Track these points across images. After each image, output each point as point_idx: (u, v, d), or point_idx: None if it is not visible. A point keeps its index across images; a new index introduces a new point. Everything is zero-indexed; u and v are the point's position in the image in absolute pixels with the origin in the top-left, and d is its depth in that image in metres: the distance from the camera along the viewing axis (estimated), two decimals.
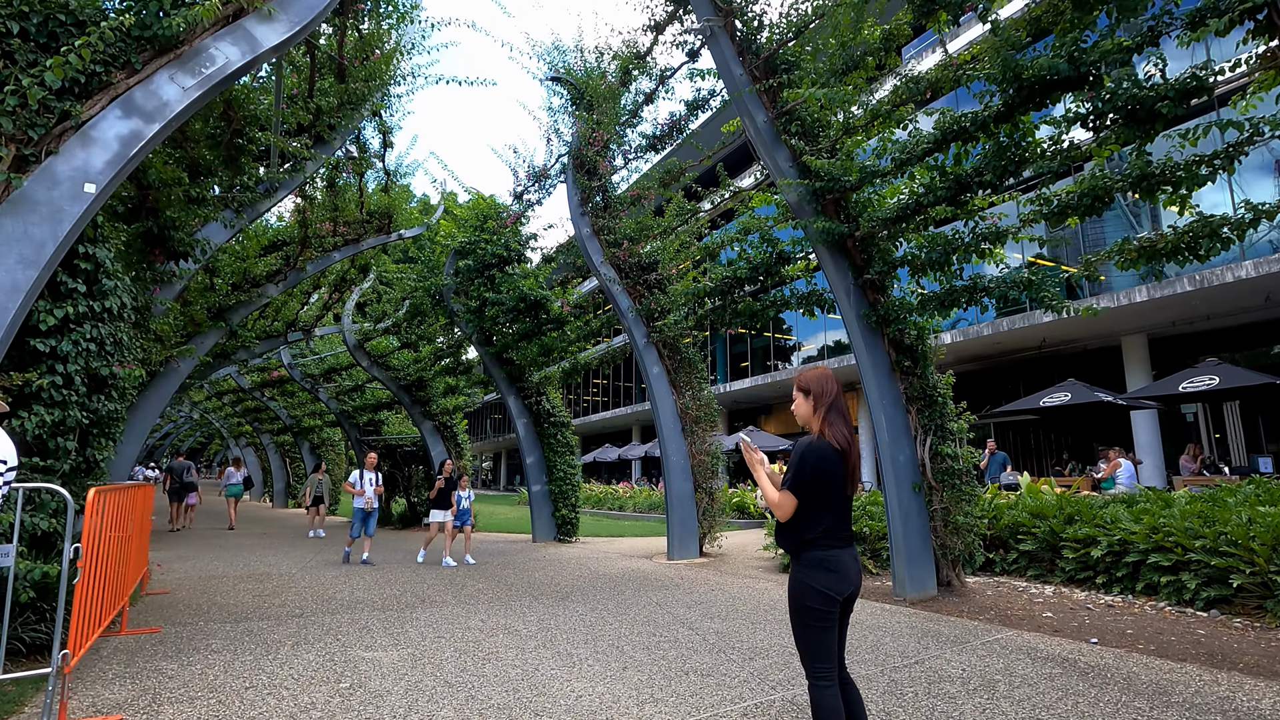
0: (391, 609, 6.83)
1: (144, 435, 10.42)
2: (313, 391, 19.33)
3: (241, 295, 10.44)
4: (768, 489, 2.96)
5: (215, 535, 14.87)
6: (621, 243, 10.77)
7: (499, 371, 14.02)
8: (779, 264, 8.51)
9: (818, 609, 2.78)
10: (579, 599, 7.44)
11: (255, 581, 8.56)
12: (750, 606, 7.02)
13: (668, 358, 11.40)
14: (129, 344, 5.80)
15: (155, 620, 6.19)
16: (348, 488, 10.44)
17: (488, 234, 12.26)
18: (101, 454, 5.67)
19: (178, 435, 45.98)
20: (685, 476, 11.15)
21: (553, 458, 14.23)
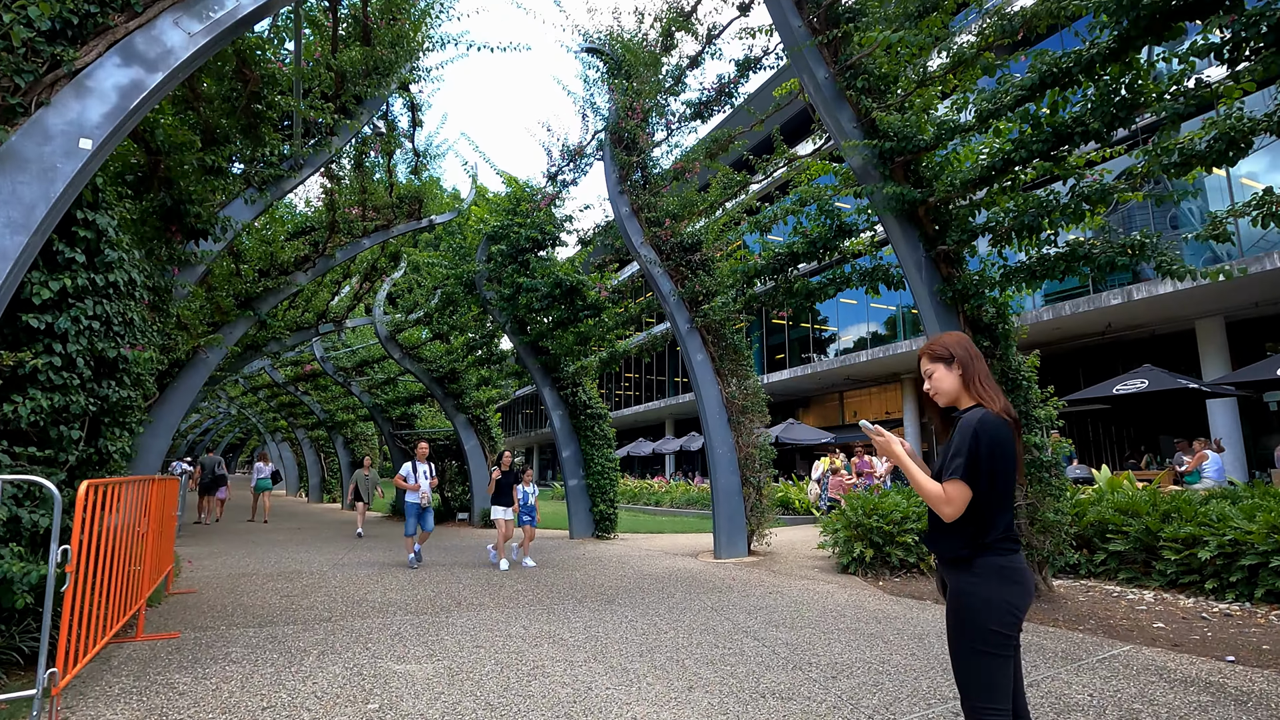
0: (426, 612, 6.32)
1: (173, 427, 10.11)
2: (345, 385, 19.10)
3: (269, 282, 10.05)
4: (924, 480, 2.30)
5: (249, 531, 14.66)
6: (663, 221, 10.12)
7: (533, 362, 13.50)
8: (839, 237, 7.78)
9: (1001, 632, 2.14)
10: (627, 602, 6.85)
11: (285, 580, 8.15)
12: (816, 613, 6.35)
13: (712, 344, 10.73)
14: (142, 325, 5.34)
15: (176, 623, 5.76)
16: (399, 482, 9.47)
17: (521, 217, 11.72)
18: (115, 445, 5.23)
19: (217, 430, 46.68)
20: (732, 470, 10.48)
21: (590, 451, 13.68)
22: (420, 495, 9.23)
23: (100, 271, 4.41)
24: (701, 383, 10.56)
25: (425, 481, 9.40)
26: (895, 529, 8.84)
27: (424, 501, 9.28)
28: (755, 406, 10.80)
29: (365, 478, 14.50)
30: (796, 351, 29.61)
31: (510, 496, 9.46)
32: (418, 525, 9.43)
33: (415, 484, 9.25)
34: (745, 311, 9.54)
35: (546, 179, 12.00)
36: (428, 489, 9.40)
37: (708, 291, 10.16)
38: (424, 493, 9.27)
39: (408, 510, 9.33)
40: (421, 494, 9.25)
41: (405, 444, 19.07)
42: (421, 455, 9.77)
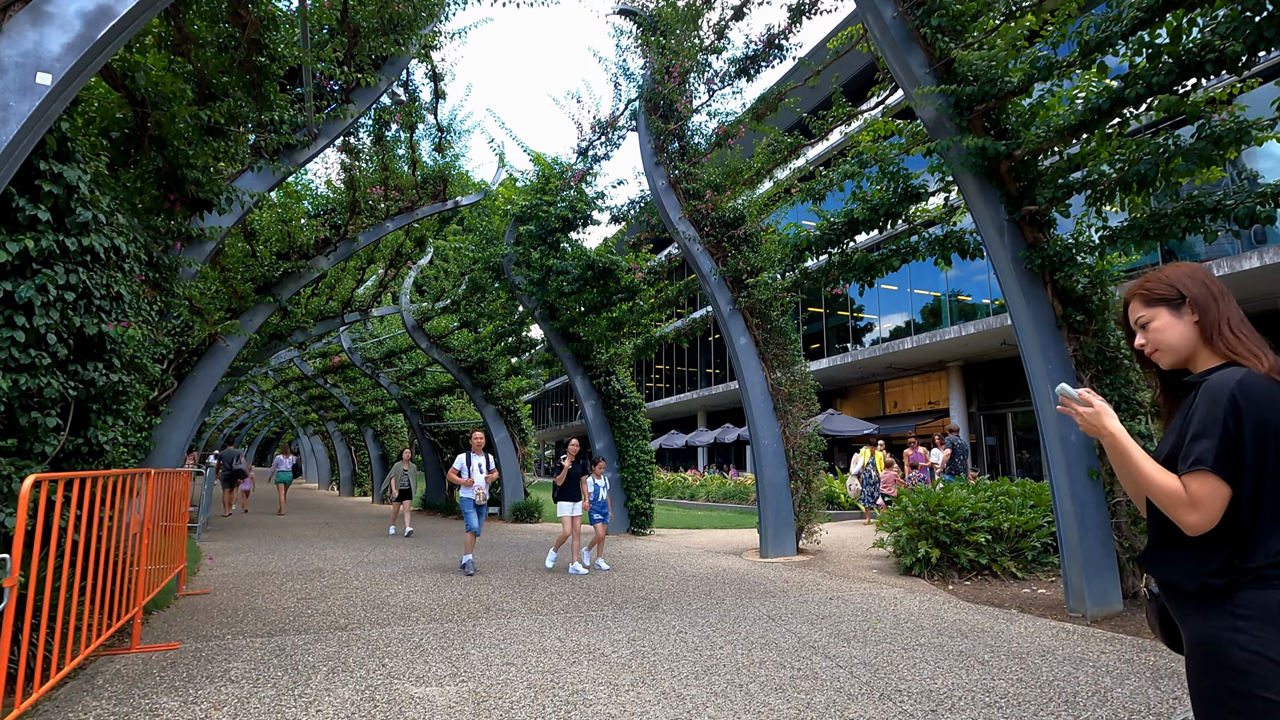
0: (450, 619, 5.71)
1: (193, 418, 9.70)
2: (373, 377, 18.74)
3: (288, 265, 9.55)
4: (1154, 473, 1.56)
5: (278, 525, 14.33)
6: (703, 193, 9.37)
7: (564, 349, 12.87)
8: (905, 202, 6.95)
9: (1274, 701, 1.38)
10: (672, 609, 6.16)
11: (304, 580, 7.64)
12: (889, 624, 5.58)
13: (757, 327, 9.96)
14: (135, 302, 4.79)
15: (179, 631, 5.24)
16: (453, 476, 8.44)
17: (550, 195, 11.06)
18: (107, 435, 4.70)
19: (253, 424, 47.24)
20: (779, 463, 9.72)
21: (624, 442, 13.03)
22: (475, 491, 8.36)
23: (72, 234, 3.85)
24: (745, 369, 9.81)
25: (480, 476, 8.45)
26: (964, 527, 8.01)
27: (479, 498, 8.39)
28: (803, 394, 10.02)
29: (405, 472, 13.16)
30: (833, 340, 28.55)
31: (578, 490, 8.56)
32: (479, 518, 8.55)
33: (469, 479, 8.38)
34: (795, 290, 8.74)
35: (576, 154, 11.32)
36: (483, 484, 8.45)
37: (752, 269, 9.39)
38: (479, 488, 8.38)
39: (464, 507, 8.47)
40: (477, 490, 8.37)
41: (434, 436, 18.66)
42: (477, 447, 8.70)
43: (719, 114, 9.28)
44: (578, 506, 8.46)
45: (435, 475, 18.91)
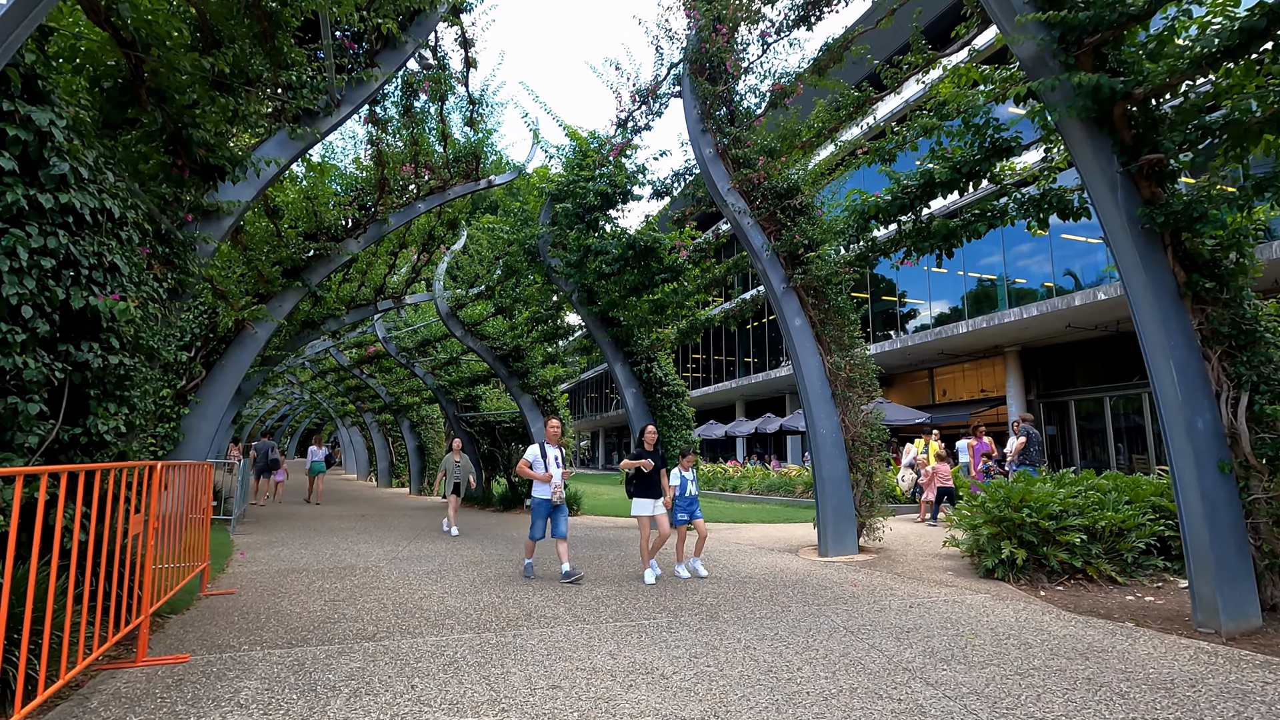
0: (489, 628, 5.14)
1: (222, 408, 9.36)
2: (408, 366, 18.42)
3: (316, 246, 9.10)
4: None
5: (314, 516, 14.07)
6: (755, 161, 8.61)
7: (603, 335, 12.25)
8: (994, 158, 6.11)
9: None
10: (733, 617, 5.50)
11: (335, 578, 7.19)
12: (989, 641, 4.83)
13: (813, 306, 9.19)
14: (135, 275, 4.28)
15: (193, 640, 4.77)
16: (523, 469, 7.14)
17: (588, 171, 10.42)
18: (108, 424, 4.21)
19: (294, 416, 47.88)
20: (838, 454, 8.96)
21: (666, 432, 12.38)
22: (552, 488, 7.04)
23: (47, 190, 3.33)
24: (800, 352, 9.05)
25: (558, 470, 7.18)
26: (1054, 525, 7.17)
27: (556, 496, 7.03)
28: (864, 379, 9.23)
29: (457, 464, 11.93)
30: (879, 325, 27.42)
31: (658, 486, 7.17)
32: (546, 527, 7.20)
33: (545, 473, 7.06)
34: (859, 264, 7.95)
35: (615, 126, 10.64)
36: (560, 479, 7.14)
37: (810, 242, 8.61)
38: (556, 484, 7.05)
39: (535, 508, 7.17)
40: (554, 486, 7.04)
41: (470, 426, 18.28)
42: (553, 436, 7.43)
43: (774, 73, 8.47)
44: (659, 504, 7.21)
45: (472, 466, 18.53)
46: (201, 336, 9.29)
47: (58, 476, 3.51)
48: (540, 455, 7.28)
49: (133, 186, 4.37)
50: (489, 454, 18.10)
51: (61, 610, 3.60)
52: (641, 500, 7.22)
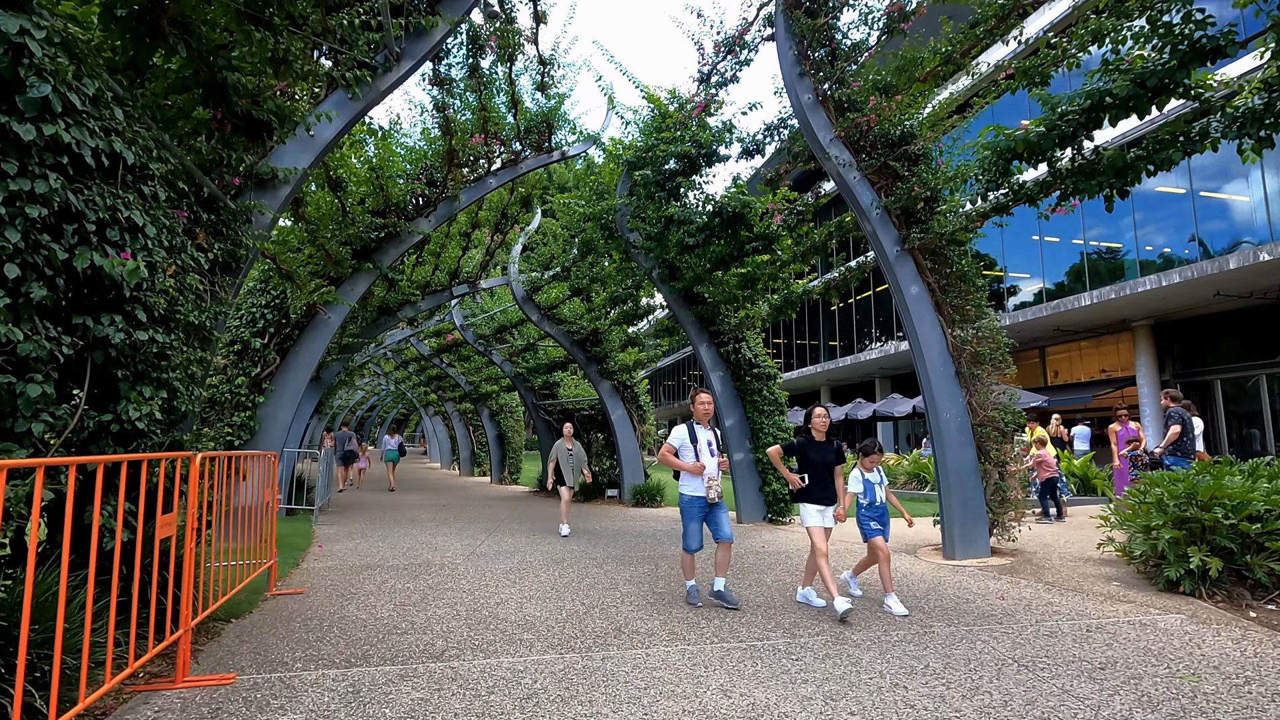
0: (573, 647, 4.38)
1: (297, 396, 9.09)
2: (486, 354, 18.13)
3: (385, 223, 8.61)
4: None
5: (395, 506, 13.90)
6: (865, 101, 7.46)
7: (687, 314, 11.34)
8: (1192, 63, 4.79)
9: None
10: (865, 639, 4.51)
11: (409, 576, 6.66)
12: (1221, 687, 3.66)
13: (931, 271, 7.97)
14: (164, 238, 3.71)
15: (245, 653, 4.23)
16: (667, 457, 5.60)
17: (668, 132, 9.49)
18: (140, 410, 3.67)
19: (382, 407, 49.51)
20: (965, 441, 7.74)
21: (758, 419, 11.37)
22: (706, 481, 5.45)
23: (28, 119, 2.74)
24: (918, 324, 7.86)
25: (713, 459, 5.55)
26: (1259, 529, 5.76)
27: (712, 493, 5.43)
28: (994, 354, 7.94)
29: (570, 453, 10.05)
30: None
31: (830, 489, 5.47)
32: (702, 533, 5.54)
33: (696, 462, 5.49)
34: (997, 214, 6.69)
35: (697, 82, 9.65)
36: (716, 471, 5.53)
37: (930, 194, 7.39)
38: (711, 477, 5.46)
39: (685, 509, 5.54)
40: (708, 480, 5.45)
41: (549, 415, 17.82)
42: (703, 413, 5.71)
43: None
44: (828, 512, 5.45)
45: None
46: (274, 322, 9.02)
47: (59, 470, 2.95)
48: (688, 439, 5.60)
49: (161, 137, 3.82)
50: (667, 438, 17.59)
51: (81, 626, 3.07)
52: (809, 506, 5.45)
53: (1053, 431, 13.98)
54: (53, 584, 3.00)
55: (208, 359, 4.83)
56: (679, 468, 5.59)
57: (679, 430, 5.66)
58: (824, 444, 5.61)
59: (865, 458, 5.70)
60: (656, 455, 5.64)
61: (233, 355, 8.78)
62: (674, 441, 5.66)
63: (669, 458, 5.64)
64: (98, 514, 2.78)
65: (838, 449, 5.58)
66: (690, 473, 5.52)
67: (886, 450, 29.92)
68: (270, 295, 9.07)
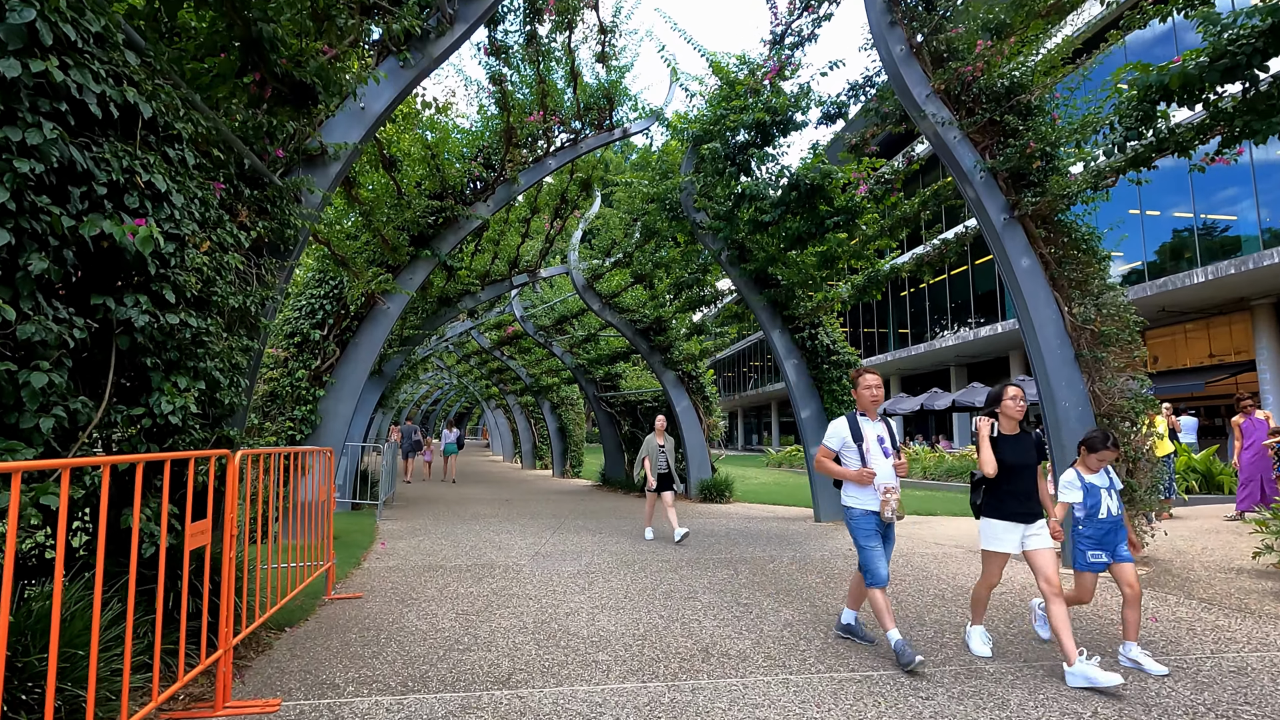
0: (656, 672, 3.80)
1: (357, 390, 8.83)
2: (546, 345, 17.80)
3: (439, 204, 8.22)
4: None
5: (459, 500, 13.69)
6: (971, 45, 6.57)
7: (757, 298, 10.60)
8: None
9: None
10: (1001, 671, 3.77)
11: (472, 579, 6.23)
12: None
13: (1045, 241, 7.03)
14: (194, 209, 3.30)
15: (295, 671, 3.83)
16: (824, 464, 4.34)
17: (739, 100, 8.77)
18: (174, 402, 3.28)
19: (446, 400, 50.36)
20: None
21: (837, 409, 10.54)
22: (882, 493, 4.11)
23: (15, 54, 2.31)
24: (1029, 301, 6.95)
25: (887, 462, 4.22)
26: None
27: (889, 509, 4.10)
28: (1120, 333, 6.93)
29: (661, 448, 8.69)
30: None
31: (1034, 499, 4.04)
32: (881, 560, 4.10)
33: (863, 469, 4.15)
34: (1134, 168, 5.73)
35: (769, 45, 8.89)
36: (893, 477, 4.19)
37: (1046, 150, 6.46)
38: (889, 487, 4.12)
39: (856, 526, 4.18)
40: (883, 489, 4.11)
41: (611, 407, 17.36)
42: (870, 401, 4.32)
43: None
44: (1024, 536, 3.96)
45: (614, 450, 17.66)
46: (334, 313, 8.78)
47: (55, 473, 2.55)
48: (851, 436, 4.26)
49: (192, 97, 3.41)
50: (630, 436, 17.08)
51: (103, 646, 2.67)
52: (998, 524, 4.02)
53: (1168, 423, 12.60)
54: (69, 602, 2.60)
55: (255, 348, 4.46)
56: (840, 476, 4.26)
57: (838, 425, 4.39)
58: (1018, 437, 4.11)
59: (1090, 453, 4.08)
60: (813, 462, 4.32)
61: (293, 348, 8.59)
62: (832, 441, 4.35)
63: (827, 464, 4.33)
64: (104, 525, 2.35)
65: (1038, 441, 4.15)
66: (856, 483, 4.19)
67: (960, 443, 28.23)
68: (329, 286, 8.84)
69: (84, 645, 2.78)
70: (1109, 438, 4.07)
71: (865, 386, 4.36)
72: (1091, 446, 4.10)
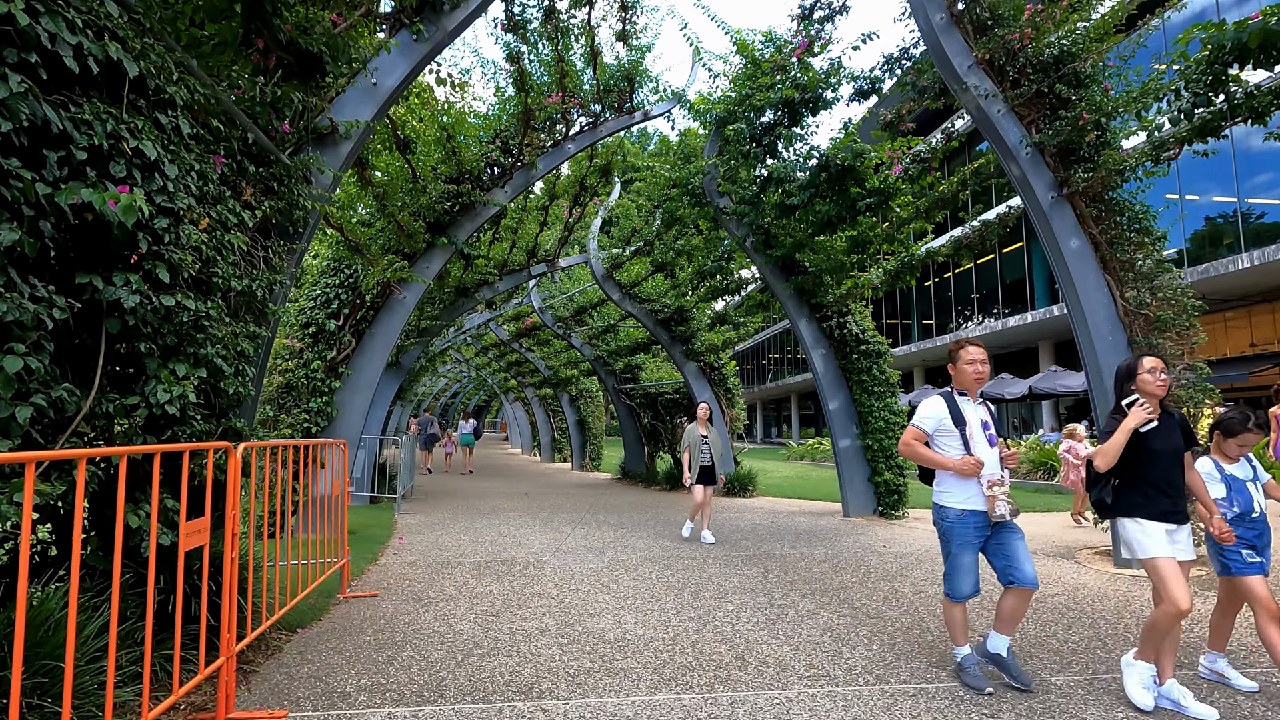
0: (689, 683, 3.52)
1: (374, 382, 8.63)
2: (565, 337, 17.56)
3: (456, 189, 7.96)
4: None
5: (478, 494, 13.51)
6: (1021, 11, 6.16)
7: (783, 286, 10.24)
8: None
9: None
10: (1069, 684, 3.43)
11: (491, 577, 5.99)
12: None
13: (1095, 220, 6.61)
14: (181, 178, 3.05)
15: (304, 677, 3.60)
16: (914, 448, 3.56)
17: (766, 78, 8.39)
18: (171, 391, 3.04)
19: (465, 394, 50.41)
20: None
21: (866, 401, 10.19)
22: (986, 486, 3.41)
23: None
24: (1079, 285, 6.55)
25: (993, 450, 3.51)
26: None
27: (1000, 506, 3.38)
28: (1177, 318, 6.51)
29: (705, 439, 7.82)
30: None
31: (1183, 491, 3.30)
32: (978, 568, 3.50)
33: (966, 457, 3.43)
34: (1203, 135, 5.31)
35: (798, 20, 8.49)
36: (1000, 470, 3.49)
37: (1100, 122, 6.04)
38: (994, 481, 3.41)
39: (952, 530, 3.49)
40: (988, 483, 3.41)
41: (630, 400, 17.09)
42: (974, 381, 3.56)
43: None
44: (1186, 535, 3.27)
45: (634, 443, 17.40)
46: (349, 303, 8.58)
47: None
48: (949, 417, 3.49)
49: (187, 60, 3.16)
50: (651, 428, 16.80)
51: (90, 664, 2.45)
52: (1151, 525, 3.19)
53: None
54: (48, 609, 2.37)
55: (263, 335, 4.22)
56: (936, 464, 3.49)
57: (934, 405, 3.54)
58: (1161, 418, 3.30)
59: (1228, 438, 3.40)
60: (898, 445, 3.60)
61: (308, 338, 8.41)
62: (924, 422, 3.53)
63: (917, 448, 3.52)
64: (79, 523, 2.11)
65: (1182, 422, 3.34)
66: (957, 472, 3.40)
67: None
68: (343, 275, 8.64)
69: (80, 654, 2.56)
70: (1249, 418, 3.37)
71: (968, 361, 3.54)
72: (1229, 430, 3.39)
